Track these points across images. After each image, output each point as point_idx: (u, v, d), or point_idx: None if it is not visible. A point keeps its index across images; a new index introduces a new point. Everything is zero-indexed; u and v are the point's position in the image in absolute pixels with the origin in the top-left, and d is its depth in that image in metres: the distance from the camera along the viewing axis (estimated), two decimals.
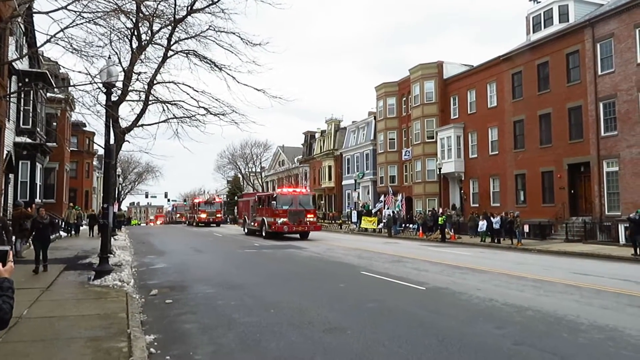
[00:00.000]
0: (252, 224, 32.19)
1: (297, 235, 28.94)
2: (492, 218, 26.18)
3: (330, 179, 56.41)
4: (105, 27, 13.77)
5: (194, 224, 53.46)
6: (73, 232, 29.00)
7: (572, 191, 27.46)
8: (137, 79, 18.15)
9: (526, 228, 25.13)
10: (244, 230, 34.99)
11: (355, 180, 48.51)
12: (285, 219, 27.33)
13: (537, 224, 27.09)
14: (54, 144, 27.53)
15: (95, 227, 32.72)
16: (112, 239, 18.68)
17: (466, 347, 6.60)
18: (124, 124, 18.03)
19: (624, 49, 24.41)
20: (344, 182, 54.64)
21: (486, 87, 34.02)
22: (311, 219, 28.78)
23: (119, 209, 46.75)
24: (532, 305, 9.21)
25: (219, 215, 53.39)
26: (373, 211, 39.88)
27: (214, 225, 51.53)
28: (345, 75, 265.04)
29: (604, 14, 25.63)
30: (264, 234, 29.24)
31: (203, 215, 51.78)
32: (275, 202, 27.68)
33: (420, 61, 45.78)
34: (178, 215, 78.87)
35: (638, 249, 18.28)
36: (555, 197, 28.15)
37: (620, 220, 22.59)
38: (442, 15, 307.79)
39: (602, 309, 9.02)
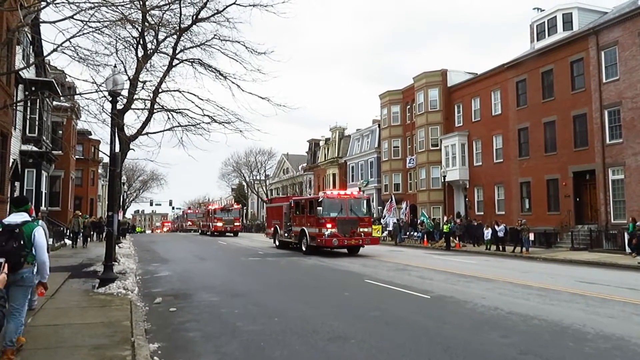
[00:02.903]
0: (286, 235, 26.83)
1: (345, 250, 23.93)
2: (496, 226, 26.09)
3: (334, 186, 56.38)
4: (111, 36, 13.90)
5: (209, 232, 49.45)
6: (79, 241, 27.42)
7: (578, 199, 27.34)
8: (143, 88, 18.25)
9: (531, 236, 25.01)
10: (274, 242, 29.44)
11: (360, 188, 48.48)
12: (333, 230, 22.03)
13: (543, 232, 26.97)
14: (60, 152, 27.69)
15: (96, 234, 32.78)
16: (116, 247, 18.71)
17: (471, 356, 6.56)
18: (129, 132, 18.13)
19: (628, 57, 24.39)
20: (348, 190, 54.57)
21: (490, 95, 34.04)
22: (366, 230, 23.13)
23: (124, 217, 46.86)
24: (537, 314, 9.15)
25: (237, 223, 49.03)
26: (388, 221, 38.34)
27: (231, 234, 47.45)
28: (341, 82, 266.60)
29: (608, 22, 25.64)
30: (304, 248, 23.92)
31: (219, 224, 47.45)
32: (321, 207, 22.30)
33: (416, 67, 45.98)
34: (189, 222, 73.93)
35: None
36: (560, 205, 28.04)
37: (626, 229, 22.44)
38: (436, 22, 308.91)
39: (608, 318, 8.95)
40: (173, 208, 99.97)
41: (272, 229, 29.97)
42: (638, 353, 6.71)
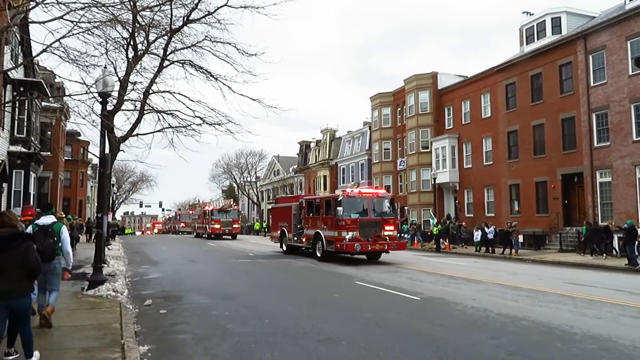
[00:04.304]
0: (296, 238, 24.01)
1: (364, 257, 21.23)
2: (486, 228, 26.26)
3: (325, 188, 56.44)
4: (101, 37, 13.78)
5: (205, 235, 46.77)
6: None
7: (566, 201, 27.59)
8: (133, 89, 18.15)
9: (520, 238, 25.22)
10: (280, 247, 26.38)
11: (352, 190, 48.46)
12: (355, 233, 19.40)
13: (532, 234, 27.18)
14: (48, 153, 27.46)
15: (86, 235, 32.51)
16: (105, 249, 18.58)
17: (461, 357, 6.60)
18: (119, 133, 17.98)
19: (615, 60, 24.68)
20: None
21: (480, 98, 34.27)
22: (391, 233, 20.35)
23: (113, 218, 46.32)
24: (526, 315, 9.23)
25: (235, 225, 46.09)
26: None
27: (229, 237, 44.80)
28: (332, 84, 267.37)
29: (596, 26, 25.94)
30: (318, 254, 21.15)
31: (217, 226, 44.51)
32: (341, 208, 19.49)
33: (408, 69, 46.14)
34: (182, 224, 70.50)
35: (630, 259, 18.35)
36: (549, 207, 28.27)
37: (613, 231, 22.69)
38: (430, 24, 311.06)
39: (595, 319, 9.05)
40: (163, 210, 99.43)
41: (279, 232, 26.72)
42: (625, 354, 6.79)
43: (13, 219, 6.00)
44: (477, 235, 26.80)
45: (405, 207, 36.08)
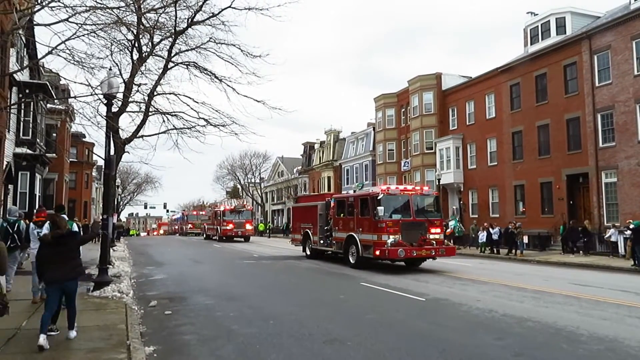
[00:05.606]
0: (323, 242, 21.65)
1: (402, 263, 19.07)
2: (490, 229, 26.18)
3: (329, 189, 56.42)
4: (106, 39, 13.88)
5: (215, 237, 44.64)
6: None
7: (571, 202, 27.48)
8: (138, 90, 18.22)
9: (525, 239, 25.13)
10: (304, 251, 23.86)
11: (355, 191, 48.40)
12: (397, 236, 16.87)
13: (537, 235, 27.09)
14: (54, 154, 27.58)
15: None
16: (111, 250, 18.64)
17: (466, 358, 6.59)
18: (124, 135, 18.06)
19: (620, 60, 24.59)
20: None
21: (485, 99, 34.19)
22: (437, 236, 17.87)
23: (118, 220, 46.32)
24: (532, 316, 9.20)
25: (249, 227, 43.48)
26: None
27: (241, 240, 42.35)
28: (335, 85, 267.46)
29: (600, 26, 25.85)
30: (352, 260, 18.63)
31: (229, 227, 41.88)
32: (381, 207, 16.93)
33: (411, 70, 45.92)
34: (190, 225, 68.30)
35: (637, 260, 18.26)
36: (554, 208, 28.17)
37: (619, 231, 22.59)
38: (431, 25, 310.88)
39: (601, 320, 9.01)
40: (167, 211, 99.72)
41: (302, 234, 24.09)
42: (631, 354, 6.76)
43: (63, 221, 7.63)
44: (482, 236, 26.73)
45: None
